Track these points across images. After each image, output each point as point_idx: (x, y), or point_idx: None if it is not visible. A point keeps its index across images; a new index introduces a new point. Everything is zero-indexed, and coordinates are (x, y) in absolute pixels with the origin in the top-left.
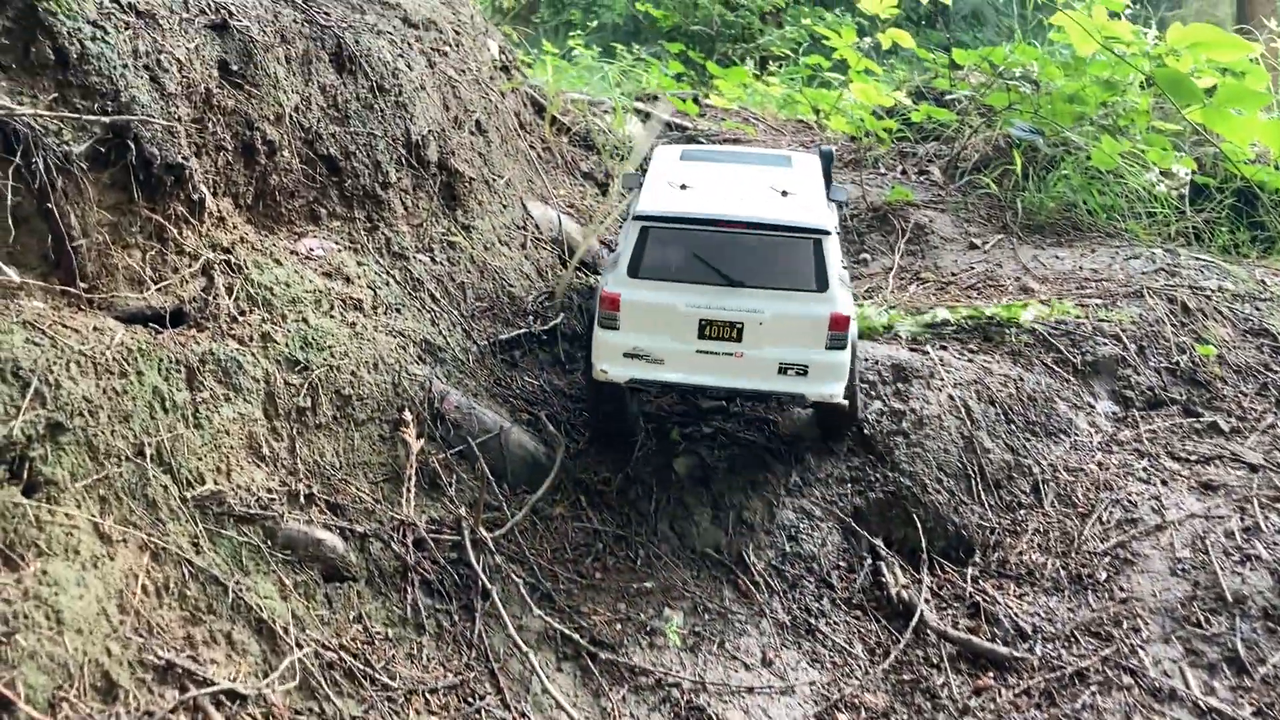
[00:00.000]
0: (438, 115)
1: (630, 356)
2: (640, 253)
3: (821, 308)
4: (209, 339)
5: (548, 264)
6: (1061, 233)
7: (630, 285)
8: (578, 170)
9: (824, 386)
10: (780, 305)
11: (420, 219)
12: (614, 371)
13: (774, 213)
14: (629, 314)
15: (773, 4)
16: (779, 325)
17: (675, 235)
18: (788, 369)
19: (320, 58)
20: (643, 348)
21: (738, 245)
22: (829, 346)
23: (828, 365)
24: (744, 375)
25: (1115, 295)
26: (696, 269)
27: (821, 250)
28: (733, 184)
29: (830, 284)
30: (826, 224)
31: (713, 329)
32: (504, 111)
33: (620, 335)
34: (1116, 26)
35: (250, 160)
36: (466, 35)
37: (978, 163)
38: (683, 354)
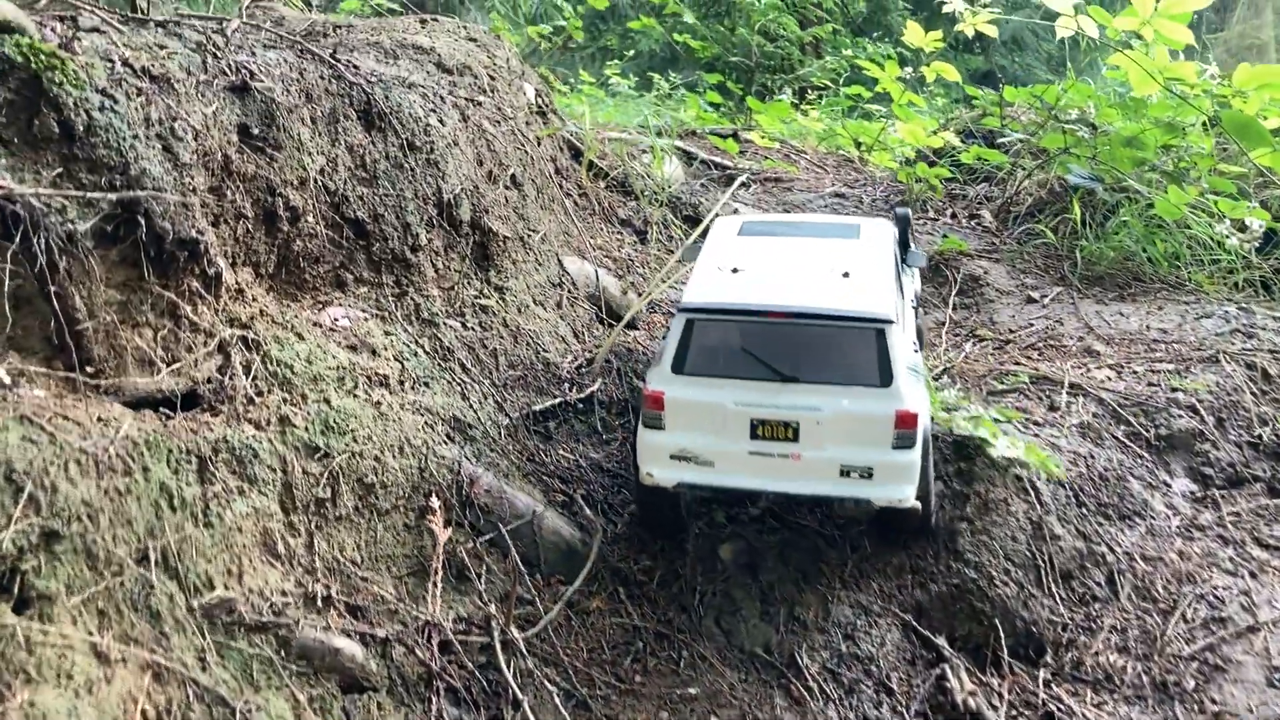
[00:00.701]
0: (470, 171)
1: (678, 458)
2: (685, 346)
3: (886, 404)
4: (223, 424)
5: (584, 323)
6: (1123, 284)
7: (675, 382)
8: (615, 217)
9: (892, 490)
10: (840, 402)
11: (451, 281)
12: (660, 475)
13: (831, 300)
14: (674, 413)
15: (813, 34)
16: (839, 424)
17: (723, 327)
18: (850, 471)
19: (348, 116)
20: (691, 449)
21: (792, 337)
22: (895, 446)
23: (895, 466)
24: (802, 478)
25: (1188, 360)
26: (746, 363)
27: (884, 341)
28: (790, 265)
29: (895, 378)
30: (889, 311)
31: (766, 428)
32: (540, 159)
33: (666, 436)
34: (1179, 67)
35: (272, 227)
36: (501, 80)
37: (1031, 207)
38: (734, 455)
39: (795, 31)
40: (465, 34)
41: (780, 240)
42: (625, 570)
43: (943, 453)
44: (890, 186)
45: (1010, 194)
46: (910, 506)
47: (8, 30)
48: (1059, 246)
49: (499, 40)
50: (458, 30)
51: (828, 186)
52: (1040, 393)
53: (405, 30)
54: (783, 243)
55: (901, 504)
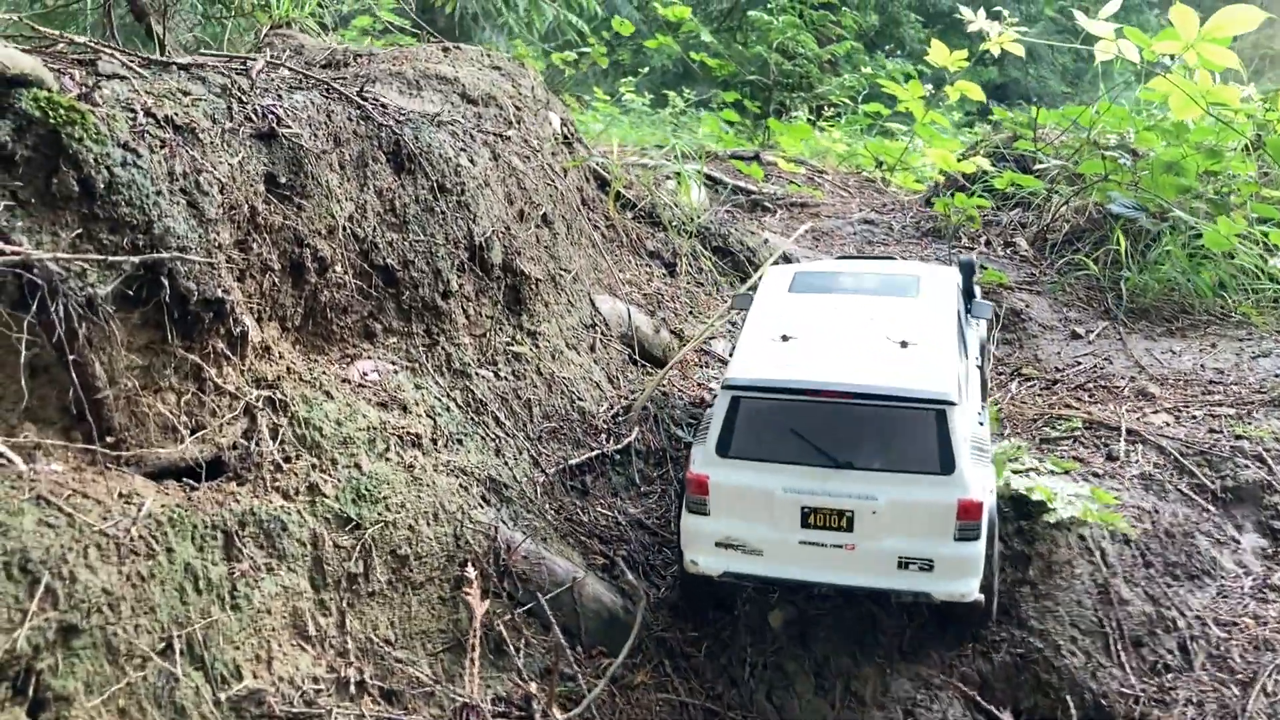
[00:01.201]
0: (501, 211)
1: (724, 546)
2: (731, 426)
3: (947, 493)
4: (250, 494)
5: (618, 367)
6: (1169, 317)
7: (720, 465)
8: (643, 249)
9: (953, 584)
10: (897, 490)
11: (483, 328)
12: (705, 563)
13: (887, 378)
14: (720, 499)
15: (830, 52)
16: (897, 513)
17: (771, 406)
18: (909, 563)
19: (377, 159)
20: (737, 537)
21: (845, 418)
22: (958, 538)
23: (958, 560)
24: (857, 571)
25: (1249, 403)
26: (796, 447)
27: (945, 423)
28: (844, 333)
29: (957, 463)
30: (950, 390)
31: (818, 517)
32: (567, 191)
33: (711, 522)
34: (1222, 91)
35: (299, 279)
36: (528, 110)
37: (1068, 235)
38: (784, 545)
39: (813, 49)
40: (489, 62)
41: (833, 299)
42: (671, 640)
43: (1001, 510)
44: (920, 212)
45: (1046, 221)
46: (973, 601)
47: (25, 84)
48: (1101, 278)
49: (524, 68)
50: (481, 59)
51: (855, 212)
52: (1096, 439)
53: (428, 59)
54: (836, 302)
55: (964, 599)
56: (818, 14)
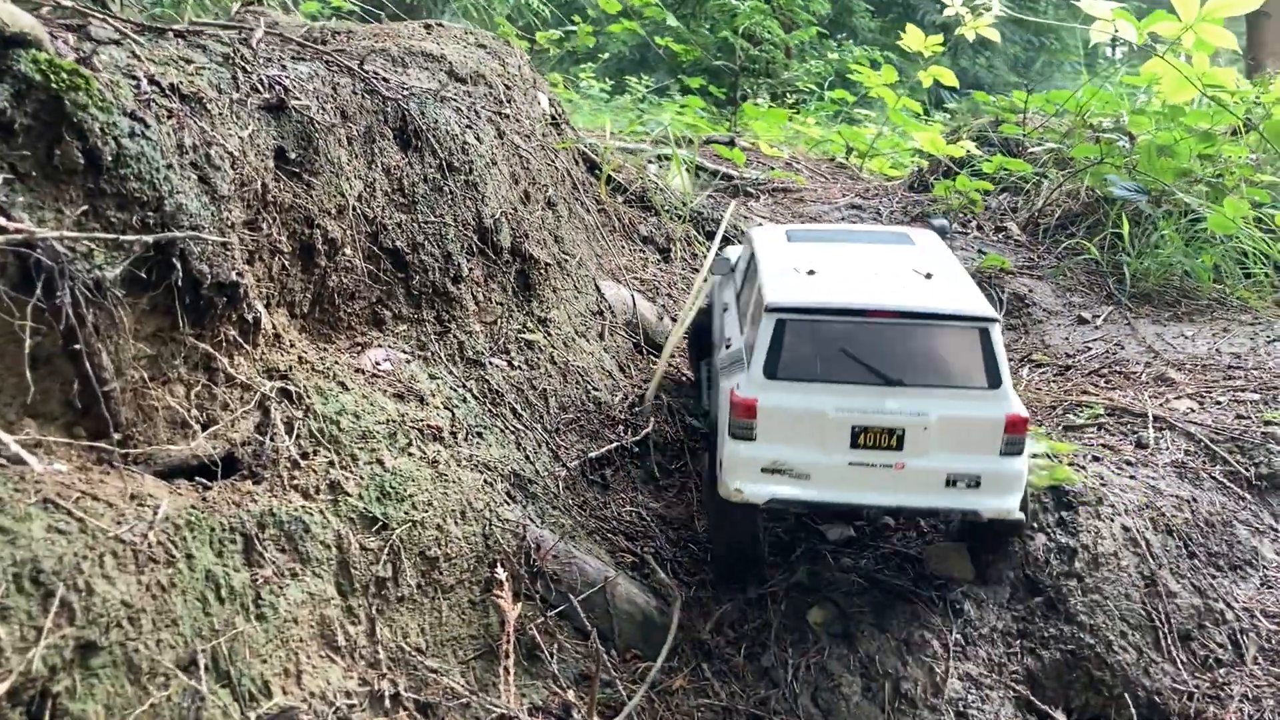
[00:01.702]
0: (508, 192)
1: (770, 472)
2: (778, 350)
3: (996, 407)
4: (268, 493)
5: (627, 355)
6: (1172, 302)
7: (768, 388)
8: (636, 234)
9: (1000, 500)
10: (948, 406)
11: (494, 315)
12: (750, 490)
13: (930, 299)
14: (767, 422)
15: (797, 38)
16: (947, 430)
17: (817, 329)
18: (957, 480)
19: (384, 135)
20: (785, 461)
21: (893, 339)
22: (1004, 452)
23: (1004, 475)
24: (905, 490)
25: (1273, 388)
26: (846, 367)
27: (990, 341)
28: (865, 267)
29: (1003, 379)
30: (991, 309)
31: (868, 436)
32: (563, 175)
33: (757, 447)
34: (1218, 74)
35: (309, 262)
36: (518, 89)
37: (1061, 219)
38: (833, 467)
39: (779, 34)
40: (474, 40)
41: (838, 246)
42: (709, 643)
43: (1041, 502)
44: (906, 198)
45: (1038, 206)
46: (1017, 518)
47: (23, 44)
48: (1102, 262)
49: (510, 47)
50: (466, 36)
51: (839, 197)
52: (1122, 427)
53: (411, 36)
54: (843, 248)
55: (1009, 515)
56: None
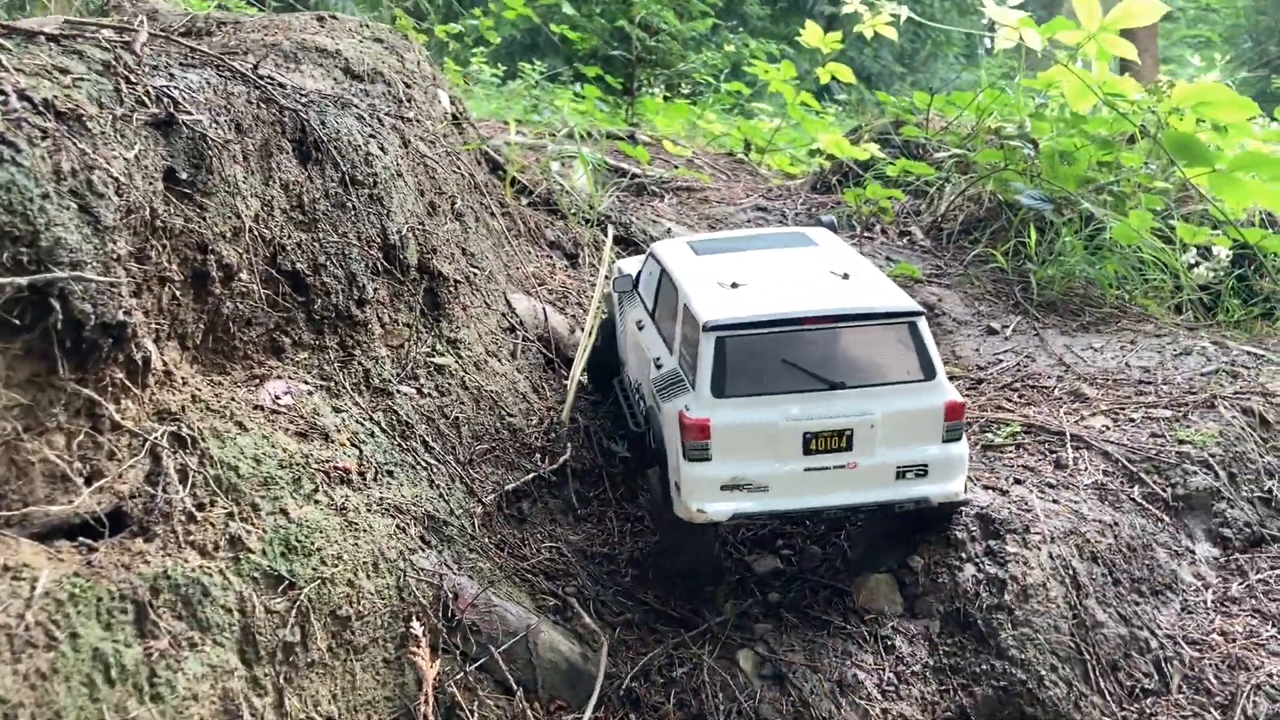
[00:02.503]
0: (414, 205)
1: (729, 488)
2: (722, 367)
3: (934, 397)
4: (161, 552)
5: (540, 373)
6: (1077, 311)
7: (718, 407)
8: (543, 239)
9: (947, 485)
10: (889, 402)
11: (401, 338)
12: (713, 509)
13: (857, 299)
14: (721, 440)
15: (693, 29)
16: (891, 424)
17: (756, 342)
18: (906, 471)
19: (282, 148)
20: (743, 475)
21: (828, 342)
22: (946, 439)
23: (949, 460)
24: (860, 488)
25: (1183, 405)
26: (789, 376)
27: (919, 333)
28: (783, 275)
29: (937, 370)
30: (914, 304)
31: (819, 441)
32: (468, 179)
33: (714, 466)
34: (1119, 82)
35: (202, 290)
36: (417, 87)
37: (964, 224)
38: (790, 475)
39: (675, 24)
40: (370, 34)
41: (747, 255)
42: (637, 690)
43: (969, 530)
44: (810, 199)
45: (941, 210)
46: (964, 500)
47: None
48: (1008, 270)
49: (408, 41)
50: (361, 30)
51: (744, 198)
52: (1040, 446)
53: (303, 29)
54: (752, 257)
55: (955, 499)
56: None
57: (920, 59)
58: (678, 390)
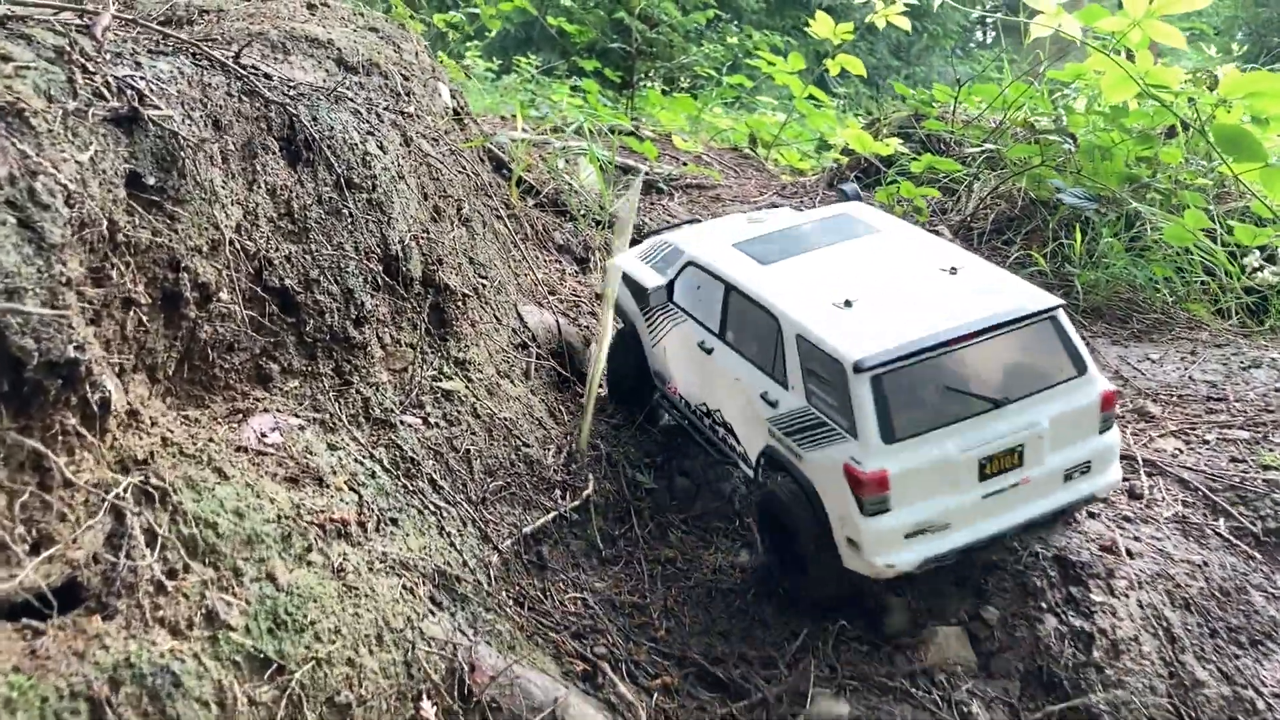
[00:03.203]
0: (417, 210)
1: (913, 535)
2: (885, 410)
3: (1091, 391)
4: (123, 633)
5: (556, 393)
6: (1124, 318)
7: (891, 454)
8: (551, 243)
9: (1107, 476)
10: (1052, 406)
11: (404, 361)
12: (901, 560)
13: (993, 305)
14: (901, 488)
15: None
16: (1057, 429)
17: (914, 373)
18: (1073, 473)
19: (268, 147)
20: (925, 520)
21: (981, 356)
22: (1101, 430)
23: (1106, 450)
24: (1034, 501)
25: (1261, 424)
26: (953, 402)
27: (1062, 328)
28: (889, 280)
29: (1087, 362)
30: (1053, 297)
31: (993, 464)
32: (473, 179)
33: (896, 516)
34: (1162, 72)
35: (174, 314)
36: (416, 81)
37: (996, 223)
38: (969, 507)
39: (676, 16)
40: (364, 22)
41: (819, 255)
42: None
43: (1046, 575)
44: (825, 196)
45: (970, 209)
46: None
47: None
48: (1049, 274)
49: (405, 31)
50: (354, 18)
51: (757, 195)
52: None
53: (292, 16)
54: (827, 257)
55: (1116, 486)
56: None
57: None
58: (827, 437)
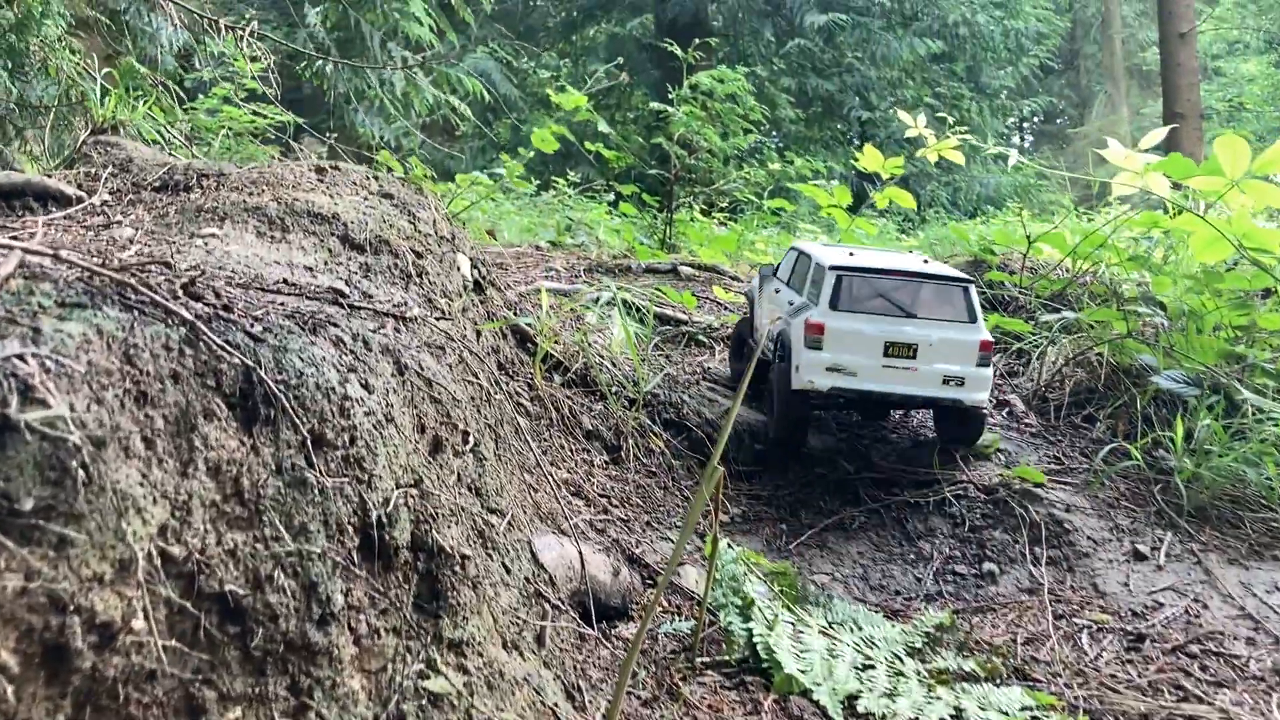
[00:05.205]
0: (408, 455)
1: (831, 370)
2: (837, 293)
3: (974, 335)
4: None
5: (574, 657)
6: (1235, 523)
7: (831, 316)
8: (579, 429)
9: (976, 394)
10: (944, 332)
11: (383, 657)
12: (819, 382)
13: (933, 268)
14: (831, 338)
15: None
16: (943, 347)
17: (861, 281)
18: (950, 380)
19: (213, 411)
20: (841, 363)
21: (909, 291)
22: (978, 364)
23: (979, 377)
24: (918, 384)
25: None
26: (880, 304)
27: (970, 295)
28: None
29: (978, 319)
30: (970, 278)
31: (894, 349)
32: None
33: (824, 354)
34: (1266, 234)
35: (60, 667)
36: (432, 256)
37: (1075, 394)
38: (872, 367)
39: (716, 142)
40: (377, 188)
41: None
42: None
43: None
44: None
45: (1045, 378)
46: (986, 408)
47: None
48: (1142, 463)
49: (421, 196)
50: (366, 183)
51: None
52: None
53: (297, 183)
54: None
55: (980, 405)
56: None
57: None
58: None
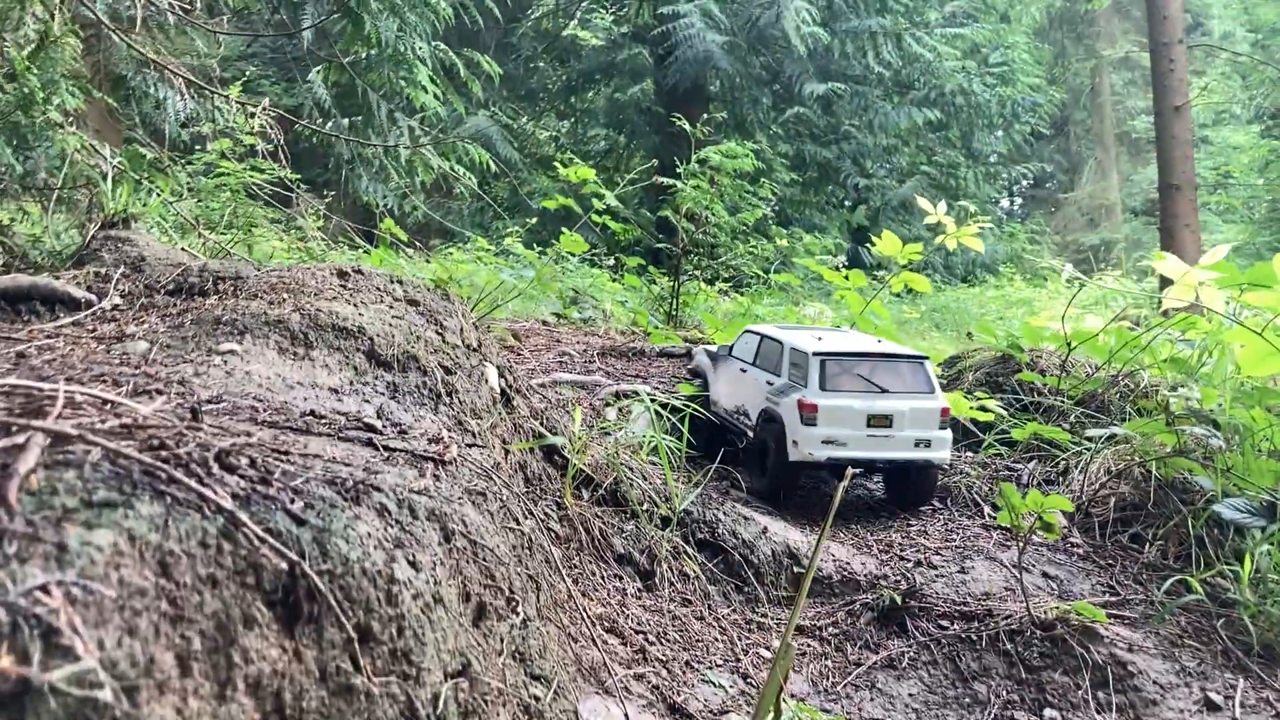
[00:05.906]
0: (455, 634)
1: (825, 442)
2: (823, 375)
3: (935, 403)
4: None
5: None
6: None
7: (820, 396)
8: (610, 552)
9: (940, 453)
10: (913, 403)
11: None
12: (817, 453)
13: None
14: (823, 414)
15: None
16: (913, 415)
17: (842, 363)
18: (920, 442)
19: (253, 617)
20: (832, 435)
21: (881, 369)
22: (940, 428)
23: (942, 439)
24: (895, 449)
25: None
26: (859, 383)
27: (926, 369)
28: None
29: (936, 390)
30: (927, 353)
31: (874, 420)
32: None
33: (818, 430)
34: None
35: None
36: (461, 372)
37: (1121, 510)
38: (858, 437)
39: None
40: (402, 293)
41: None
42: None
43: None
44: None
45: (1089, 492)
46: (948, 465)
47: None
48: (1206, 600)
49: (447, 300)
50: (390, 287)
51: None
52: None
53: (319, 290)
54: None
55: (944, 463)
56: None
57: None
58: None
